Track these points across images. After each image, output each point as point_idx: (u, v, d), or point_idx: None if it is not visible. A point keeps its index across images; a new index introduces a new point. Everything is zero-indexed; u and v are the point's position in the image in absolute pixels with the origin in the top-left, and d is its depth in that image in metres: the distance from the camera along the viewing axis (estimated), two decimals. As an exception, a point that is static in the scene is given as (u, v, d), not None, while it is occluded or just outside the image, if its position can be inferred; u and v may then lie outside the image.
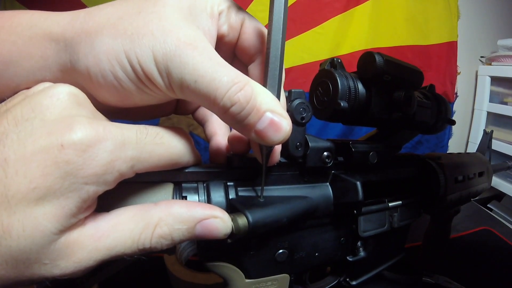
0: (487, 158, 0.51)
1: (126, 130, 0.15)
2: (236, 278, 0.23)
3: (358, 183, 0.24)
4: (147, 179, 0.19)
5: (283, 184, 0.24)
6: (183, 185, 0.20)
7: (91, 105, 0.16)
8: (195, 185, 0.21)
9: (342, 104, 0.23)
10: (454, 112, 0.94)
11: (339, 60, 0.25)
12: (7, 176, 0.12)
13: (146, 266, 0.46)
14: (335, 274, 0.31)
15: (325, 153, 0.24)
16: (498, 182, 0.90)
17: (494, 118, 0.96)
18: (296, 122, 0.22)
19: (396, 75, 0.25)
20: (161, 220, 0.16)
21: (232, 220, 0.18)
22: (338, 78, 0.24)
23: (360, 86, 0.25)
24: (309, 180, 0.25)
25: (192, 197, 0.20)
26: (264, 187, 0.23)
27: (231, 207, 0.21)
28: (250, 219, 0.19)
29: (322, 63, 0.26)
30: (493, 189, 0.90)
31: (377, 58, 0.23)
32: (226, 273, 0.23)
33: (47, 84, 0.16)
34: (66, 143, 0.13)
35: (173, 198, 0.19)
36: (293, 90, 0.22)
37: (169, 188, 0.20)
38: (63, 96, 0.14)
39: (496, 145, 0.88)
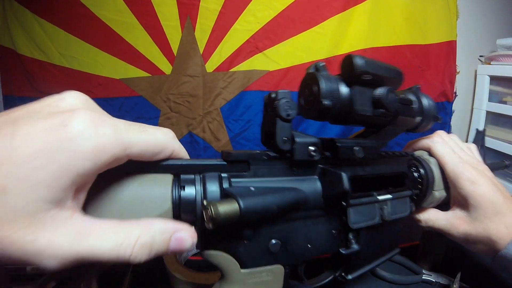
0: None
1: (117, 121, 0.18)
2: (232, 269, 0.24)
3: (343, 173, 0.25)
4: (149, 170, 0.22)
5: (273, 176, 0.26)
6: (182, 176, 0.22)
7: (97, 106, 0.19)
8: (192, 176, 0.23)
9: (326, 103, 0.25)
10: (453, 112, 0.94)
11: (322, 64, 0.27)
12: (12, 144, 0.15)
13: (146, 266, 0.45)
14: (331, 269, 0.31)
15: (311, 147, 0.26)
16: (497, 182, 0.89)
17: (493, 117, 0.95)
18: (282, 119, 0.24)
19: (376, 74, 0.27)
20: (143, 232, 0.19)
21: (211, 205, 0.20)
22: (321, 79, 0.26)
23: (342, 86, 0.27)
24: (298, 173, 0.26)
25: (190, 187, 0.22)
26: (255, 179, 0.25)
27: (225, 195, 0.22)
28: (242, 204, 0.20)
29: (308, 67, 0.28)
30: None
31: (356, 59, 0.25)
32: (222, 262, 0.24)
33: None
34: (68, 123, 0.16)
35: (172, 187, 0.22)
36: (279, 91, 0.24)
37: (168, 179, 0.22)
38: (70, 96, 0.18)
39: (495, 144, 0.88)
